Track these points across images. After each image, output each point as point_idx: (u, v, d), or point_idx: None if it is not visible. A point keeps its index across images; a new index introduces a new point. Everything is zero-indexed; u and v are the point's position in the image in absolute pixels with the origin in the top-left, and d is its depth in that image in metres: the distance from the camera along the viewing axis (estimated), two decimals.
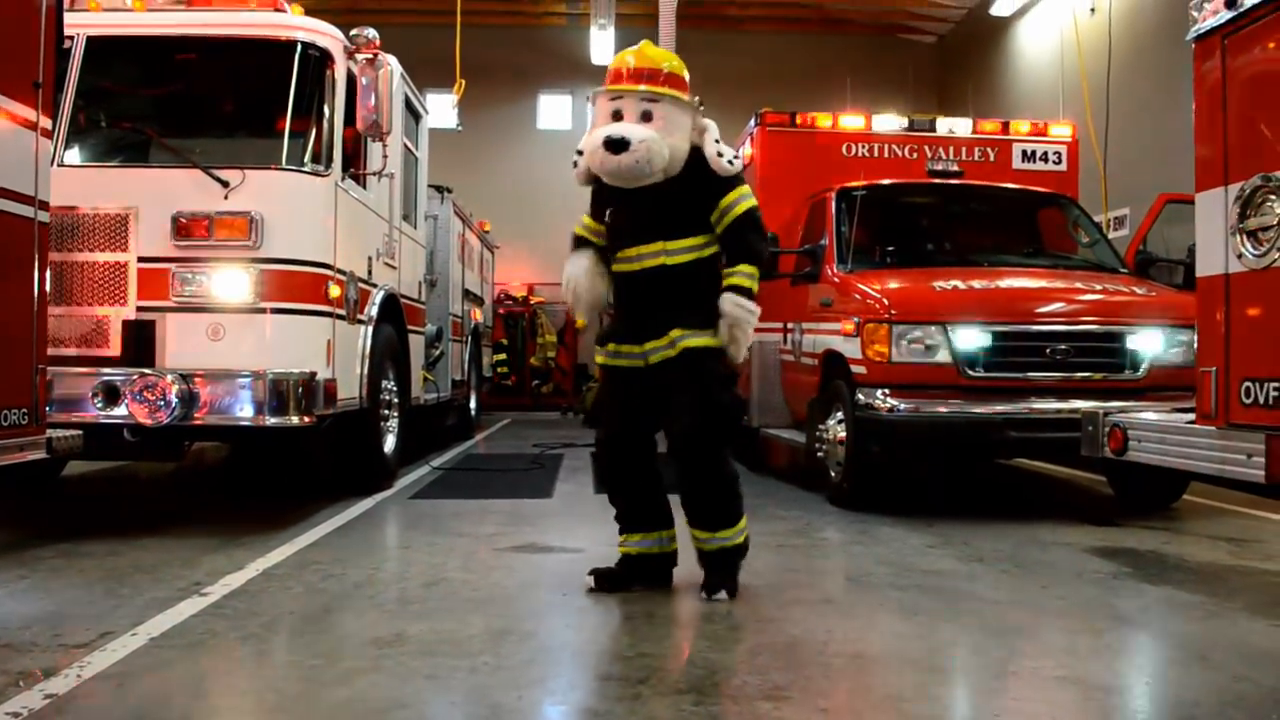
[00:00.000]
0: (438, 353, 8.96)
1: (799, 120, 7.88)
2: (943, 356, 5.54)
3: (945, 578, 4.20)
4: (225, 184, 5.11)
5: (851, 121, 7.79)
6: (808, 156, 7.82)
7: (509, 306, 16.49)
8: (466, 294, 10.67)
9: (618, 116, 3.64)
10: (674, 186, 3.67)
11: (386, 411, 6.74)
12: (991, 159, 7.76)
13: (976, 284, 5.84)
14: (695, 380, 3.66)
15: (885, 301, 5.73)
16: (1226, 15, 2.04)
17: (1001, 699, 2.78)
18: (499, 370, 15.28)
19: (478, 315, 11.44)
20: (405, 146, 7.51)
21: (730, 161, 3.72)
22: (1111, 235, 10.65)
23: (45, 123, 2.87)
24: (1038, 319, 5.62)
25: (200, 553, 4.55)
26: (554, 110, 19.26)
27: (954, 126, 7.81)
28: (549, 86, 19.03)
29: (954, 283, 5.85)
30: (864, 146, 7.74)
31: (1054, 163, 7.77)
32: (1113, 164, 10.45)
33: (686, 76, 3.80)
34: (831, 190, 7.03)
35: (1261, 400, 1.93)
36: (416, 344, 7.87)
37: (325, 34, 5.66)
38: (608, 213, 3.81)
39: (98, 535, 4.91)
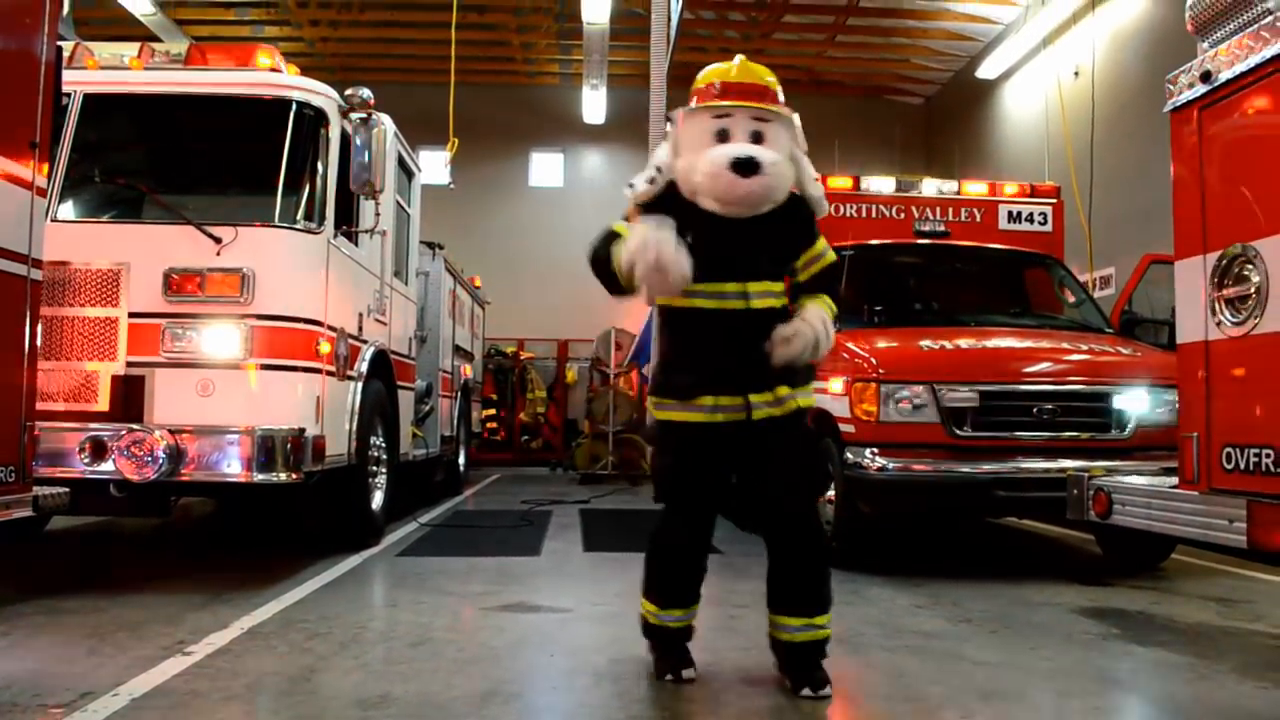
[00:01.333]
0: (427, 408, 8.96)
1: None
2: (930, 416, 5.56)
3: (934, 638, 4.18)
4: (218, 240, 5.15)
5: (840, 183, 7.89)
6: None
7: (499, 362, 16.50)
8: (457, 349, 10.70)
9: (723, 137, 3.25)
10: (768, 221, 3.27)
11: (375, 468, 6.73)
12: (978, 219, 7.86)
13: (964, 343, 5.89)
14: (802, 443, 3.38)
15: (873, 361, 5.77)
16: (1202, 89, 2.10)
17: None
18: (488, 425, 15.24)
19: (468, 371, 11.46)
20: (398, 204, 7.58)
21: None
22: (1097, 294, 10.78)
23: (41, 181, 2.91)
24: (1025, 379, 5.66)
25: (185, 610, 4.51)
26: (546, 168, 19.49)
27: (941, 187, 7.90)
28: (541, 144, 19.27)
29: (942, 342, 5.89)
30: (852, 207, 7.83)
31: (1039, 224, 7.87)
32: (1097, 224, 10.60)
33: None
34: None
35: (1242, 466, 1.95)
36: (406, 400, 7.88)
37: (320, 94, 5.75)
38: (688, 239, 3.17)
39: (81, 591, 4.86)
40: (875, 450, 5.61)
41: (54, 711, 2.99)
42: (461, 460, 11.32)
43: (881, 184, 7.92)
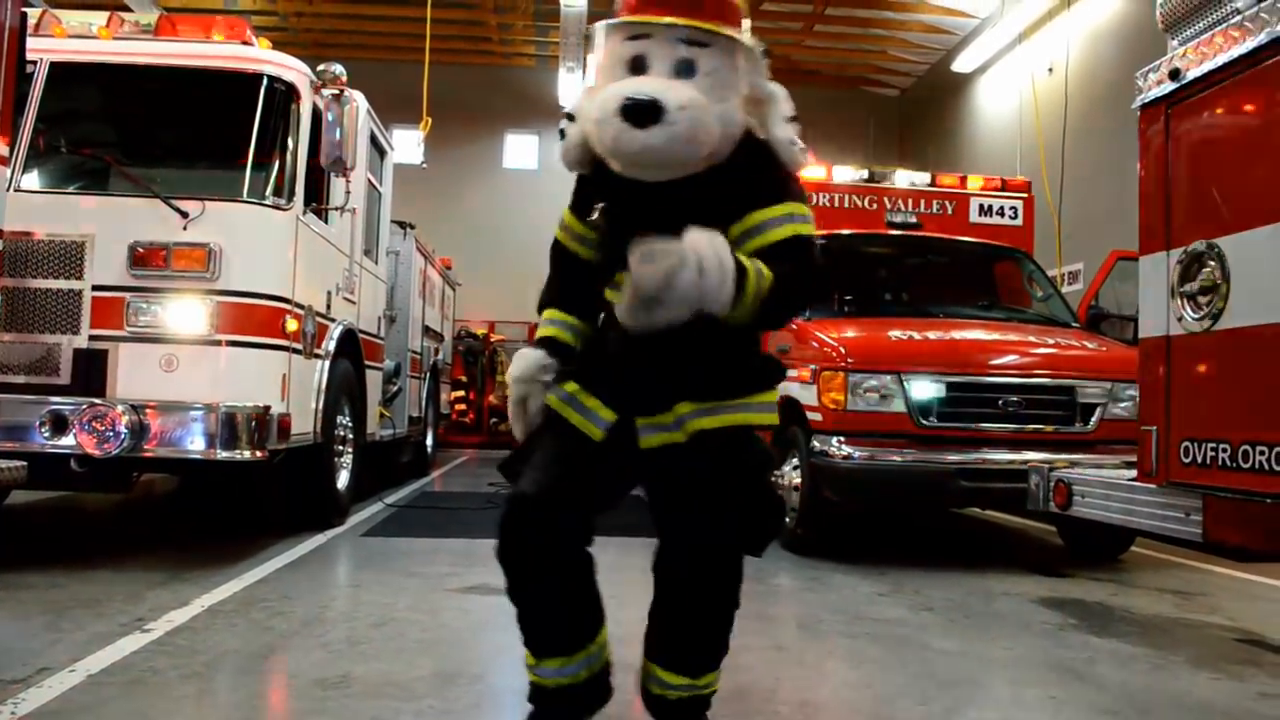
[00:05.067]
0: (395, 389, 8.90)
1: None
2: (897, 406, 5.61)
3: (895, 626, 4.22)
4: (185, 214, 5.08)
5: (813, 172, 7.89)
6: None
7: (469, 344, 16.43)
8: (426, 330, 10.64)
9: (639, 67, 2.29)
10: (716, 182, 2.33)
11: (341, 447, 6.68)
12: (949, 212, 7.91)
13: (932, 335, 5.94)
14: (731, 472, 2.38)
15: (842, 350, 5.79)
16: (1170, 86, 2.12)
17: None
18: (457, 408, 15.18)
19: (437, 352, 11.40)
20: (369, 182, 7.52)
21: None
22: (1065, 289, 10.89)
23: (2, 150, 2.85)
24: (991, 371, 5.71)
25: (145, 587, 4.46)
26: (520, 150, 19.41)
27: (913, 179, 7.95)
28: (516, 126, 19.19)
29: (910, 333, 5.93)
30: (824, 196, 7.84)
31: (1010, 217, 7.93)
32: (1067, 220, 10.70)
33: (743, 7, 2.42)
34: None
35: (1200, 460, 1.98)
36: (374, 380, 7.82)
37: (291, 68, 5.68)
38: (599, 209, 2.43)
39: (39, 567, 4.79)
40: (842, 439, 5.64)
41: (10, 686, 2.95)
42: (429, 441, 11.27)
43: (854, 174, 7.95)
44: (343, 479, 6.77)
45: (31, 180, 5.25)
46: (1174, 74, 2.09)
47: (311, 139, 5.75)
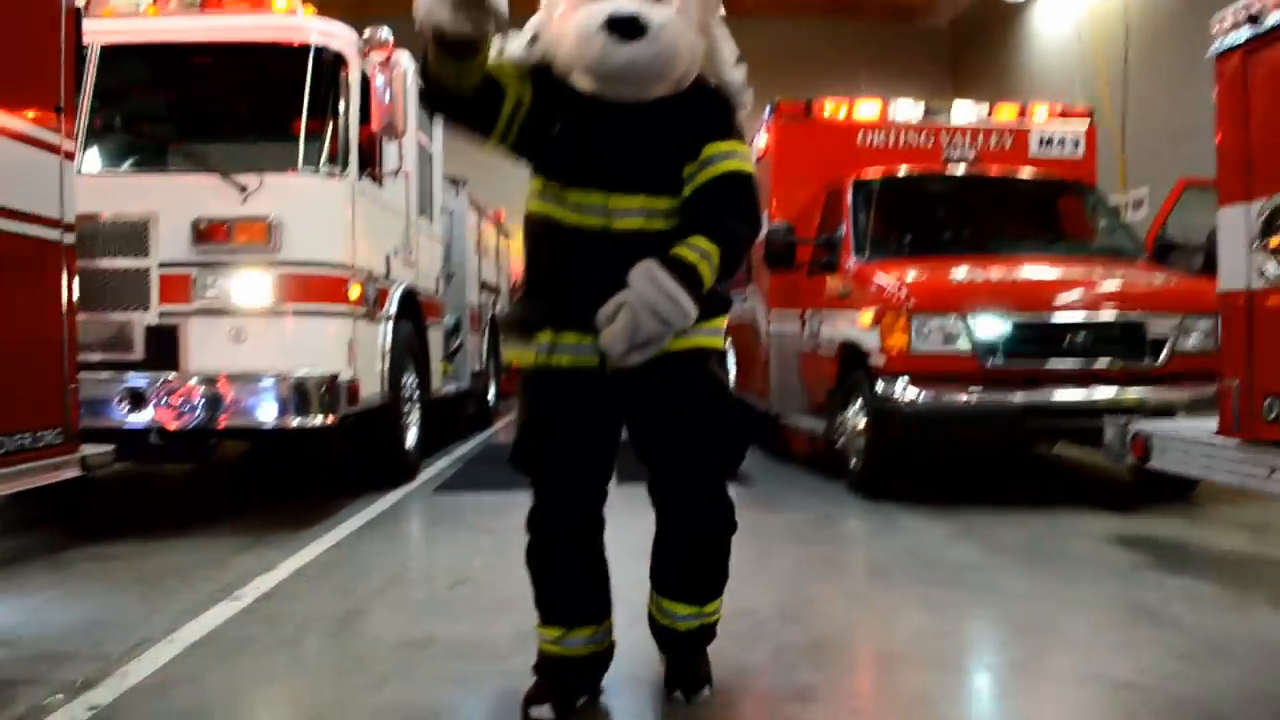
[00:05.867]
0: (456, 344, 9.01)
1: (814, 110, 7.85)
2: (962, 346, 5.54)
3: (968, 570, 4.22)
4: (243, 188, 5.16)
5: (867, 110, 7.77)
6: (823, 146, 7.79)
7: None
8: (483, 285, 10.71)
9: None
10: (677, 111, 2.46)
11: (407, 406, 6.79)
12: (1008, 146, 7.72)
13: (995, 273, 5.84)
14: (697, 394, 2.53)
15: (904, 292, 5.72)
16: (1249, 32, 2.04)
17: (1026, 698, 2.82)
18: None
19: (495, 305, 11.47)
20: (420, 143, 7.53)
21: (740, 91, 2.62)
22: (1131, 217, 10.62)
23: (69, 145, 2.91)
24: (1057, 307, 5.60)
25: (231, 553, 4.62)
26: None
27: (970, 113, 7.76)
28: None
29: (973, 273, 5.84)
30: (879, 135, 7.72)
31: (1071, 148, 7.72)
32: (1131, 144, 10.38)
33: None
34: (848, 180, 7.03)
35: None
36: (435, 338, 7.91)
37: (338, 36, 5.68)
38: (557, 126, 2.47)
39: (127, 536, 4.98)
40: (906, 381, 5.60)
41: (114, 662, 3.08)
42: (491, 394, 11.40)
43: (909, 110, 7.79)
44: (411, 437, 6.90)
45: (92, 162, 5.34)
46: (1253, 18, 2.01)
47: (362, 105, 5.77)
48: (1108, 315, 5.60)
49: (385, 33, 5.83)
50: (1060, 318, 5.57)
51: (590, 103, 2.44)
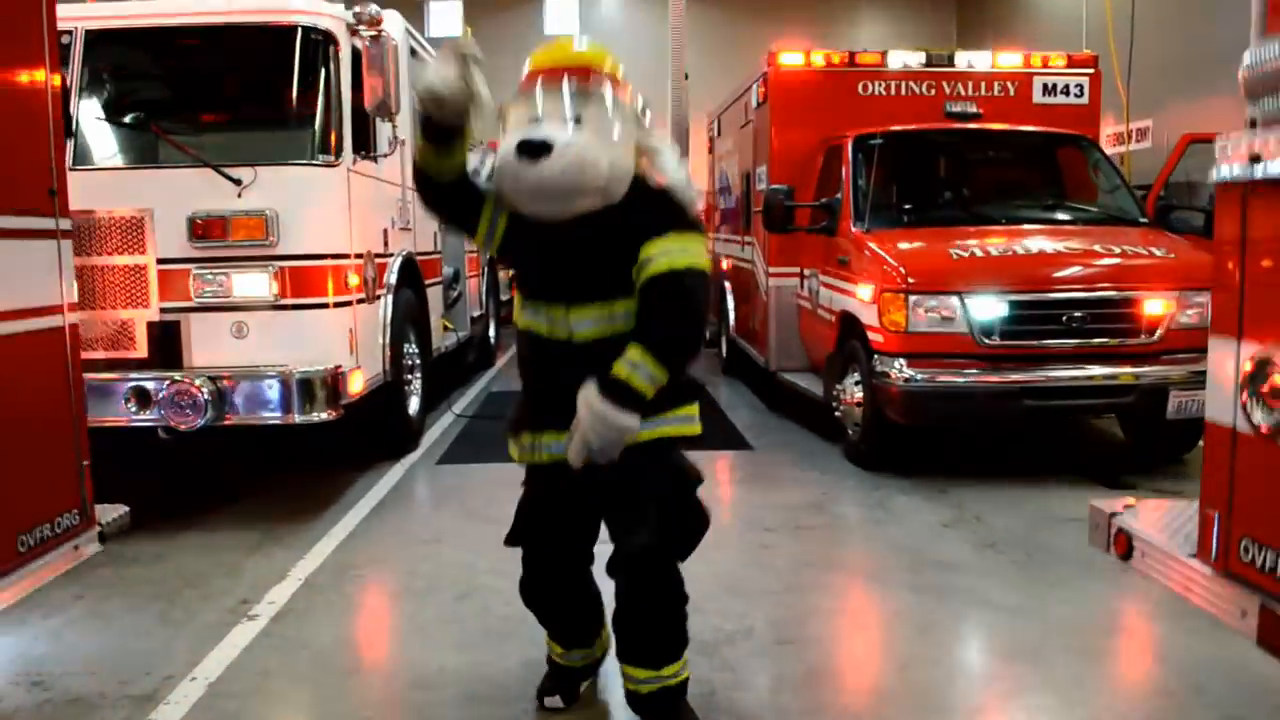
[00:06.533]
0: (455, 295, 9.01)
1: (812, 59, 7.67)
2: (959, 326, 5.58)
3: (958, 573, 4.35)
4: (238, 182, 5.11)
5: (867, 59, 7.59)
6: (822, 96, 7.65)
7: None
8: None
9: (536, 122, 2.61)
10: (616, 221, 2.64)
11: (409, 375, 6.86)
12: (1011, 93, 7.57)
13: (994, 249, 5.81)
14: (652, 482, 2.79)
15: (902, 271, 5.72)
16: (1249, 173, 2.02)
17: None
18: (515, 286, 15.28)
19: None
20: (414, 103, 7.38)
21: (696, 194, 2.86)
22: (1133, 147, 10.48)
23: (65, 225, 2.90)
24: (1055, 286, 5.61)
25: (242, 554, 4.75)
26: (561, 12, 18.63)
27: (973, 60, 7.59)
28: None
29: (971, 248, 5.82)
30: (880, 84, 7.56)
31: (1075, 96, 7.57)
32: (1137, 72, 10.15)
33: (624, 80, 2.82)
34: (847, 138, 6.93)
35: (1258, 564, 1.98)
36: (434, 295, 7.92)
37: (327, 14, 5.53)
38: (519, 248, 2.79)
39: (140, 530, 5.06)
40: (903, 361, 5.65)
41: (141, 704, 3.22)
42: (492, 332, 11.44)
43: (910, 58, 7.62)
44: (413, 405, 6.99)
45: (83, 156, 5.27)
46: (1255, 158, 1.98)
47: (354, 84, 5.66)
48: (1105, 293, 5.62)
49: (374, 8, 5.67)
50: (1058, 296, 5.58)
51: (537, 225, 2.67)
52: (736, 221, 9.67)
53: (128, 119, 5.42)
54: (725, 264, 10.18)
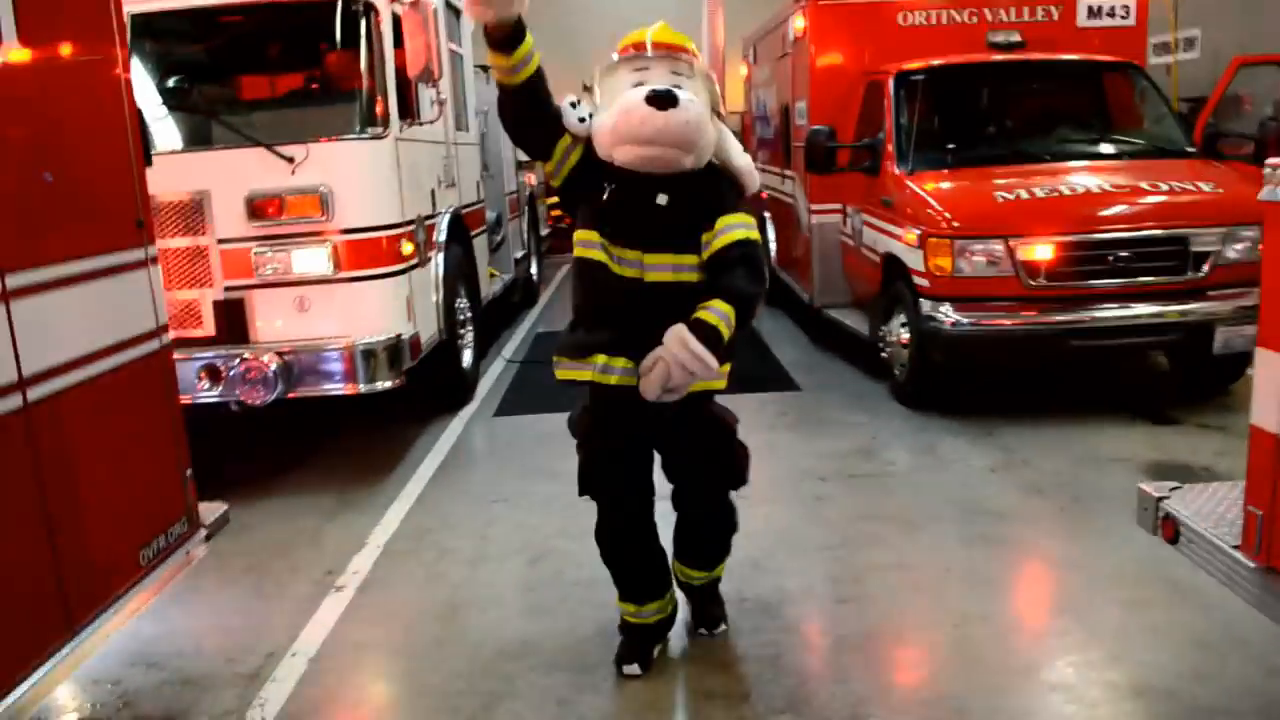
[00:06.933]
0: (499, 239, 9.13)
1: None
2: (1005, 269, 5.63)
3: (1007, 522, 4.52)
4: (290, 160, 5.23)
5: None
6: (862, 28, 7.56)
7: None
8: (519, 165, 10.67)
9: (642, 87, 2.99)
10: (697, 189, 3.06)
11: (462, 330, 7.04)
12: (1055, 17, 7.42)
13: (1039, 190, 5.81)
14: (704, 429, 3.27)
15: (948, 215, 5.76)
16: None
17: (1054, 699, 3.15)
18: (552, 214, 15.31)
19: (532, 180, 11.45)
20: (451, 50, 7.41)
21: (750, 174, 3.23)
22: (1181, 56, 10.22)
23: (153, 250, 3.06)
24: (1100, 227, 5.62)
25: (320, 519, 5.03)
26: None
27: None
28: None
29: (1017, 190, 5.82)
30: (920, 15, 7.44)
31: (1121, 17, 7.41)
32: None
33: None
34: (888, 74, 6.88)
35: None
36: (480, 245, 8.05)
37: None
38: (607, 191, 3.07)
39: (221, 493, 5.34)
40: (949, 305, 5.73)
41: (249, 681, 3.50)
42: (534, 270, 11.57)
43: None
44: (467, 358, 7.18)
45: None
46: None
47: (395, 46, 5.70)
48: (1151, 231, 5.62)
49: None
50: (1103, 236, 5.60)
51: (628, 178, 3.04)
52: (776, 153, 9.64)
53: (177, 102, 5.51)
54: (764, 194, 10.17)
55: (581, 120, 3.06)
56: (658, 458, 3.40)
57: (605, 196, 3.07)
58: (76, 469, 2.59)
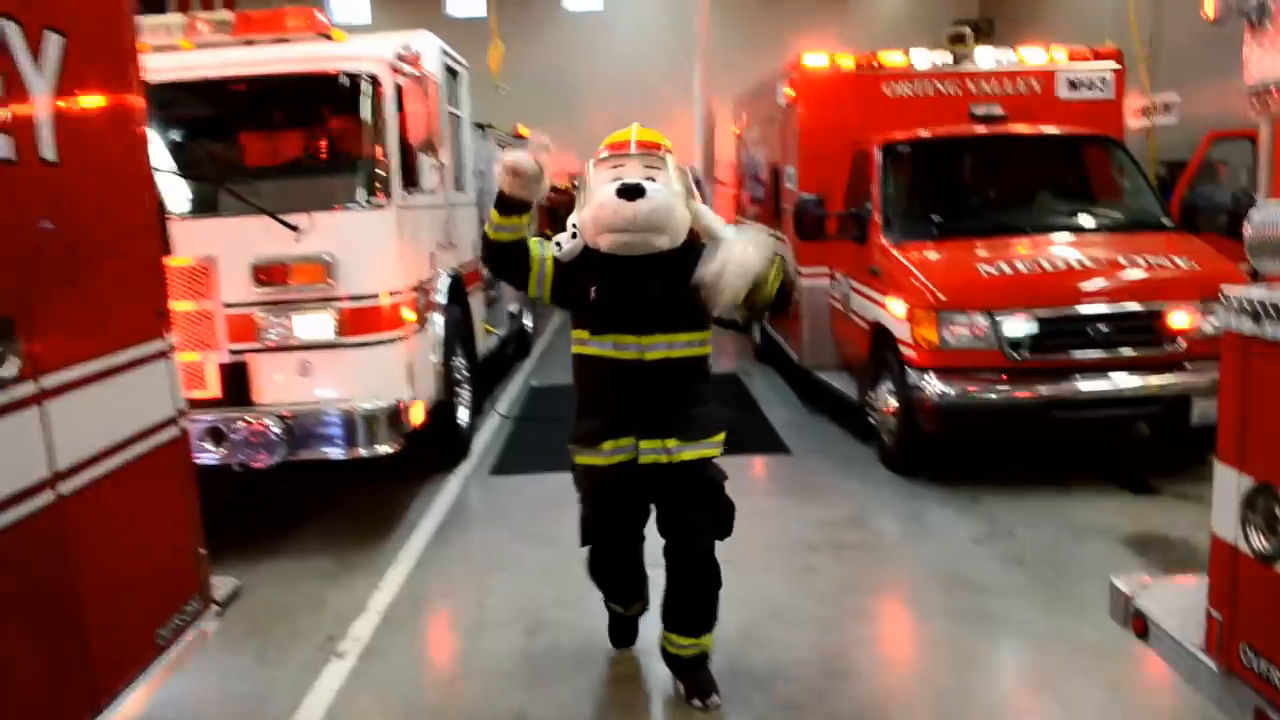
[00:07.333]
0: (494, 296, 9.28)
1: (838, 61, 7.80)
2: (989, 342, 5.80)
3: (990, 595, 4.64)
4: (295, 228, 5.38)
5: (892, 58, 7.71)
6: (848, 98, 7.80)
7: (552, 199, 16.50)
8: None
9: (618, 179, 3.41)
10: (677, 267, 3.38)
11: (458, 388, 7.16)
12: (1036, 90, 7.69)
13: (1021, 265, 6.00)
14: (699, 489, 3.62)
15: (933, 289, 5.94)
16: (1249, 327, 2.23)
17: None
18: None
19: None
20: (450, 112, 7.59)
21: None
22: (1159, 120, 10.52)
23: (172, 340, 3.19)
24: (1082, 300, 5.81)
25: (321, 583, 5.11)
26: None
27: (998, 57, 7.69)
28: None
29: (999, 264, 6.02)
30: (905, 85, 7.70)
31: (1100, 90, 7.68)
32: (1164, 45, 10.16)
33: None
34: (874, 144, 7.10)
35: (1255, 669, 2.23)
36: (476, 303, 8.18)
37: (371, 59, 5.74)
38: (593, 290, 3.47)
39: (223, 560, 5.40)
40: (934, 376, 5.89)
41: None
42: (528, 321, 11.72)
43: (935, 58, 7.73)
44: (463, 415, 7.30)
45: None
46: (1256, 317, 2.20)
47: (398, 121, 5.87)
48: (1132, 305, 5.81)
49: (415, 47, 5.89)
50: (1084, 311, 5.79)
51: (615, 267, 3.43)
52: (766, 213, 9.85)
53: (186, 168, 5.67)
54: None
55: (558, 245, 3.52)
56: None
57: (593, 295, 3.49)
58: (101, 556, 2.70)
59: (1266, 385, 2.23)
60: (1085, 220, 6.83)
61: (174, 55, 5.69)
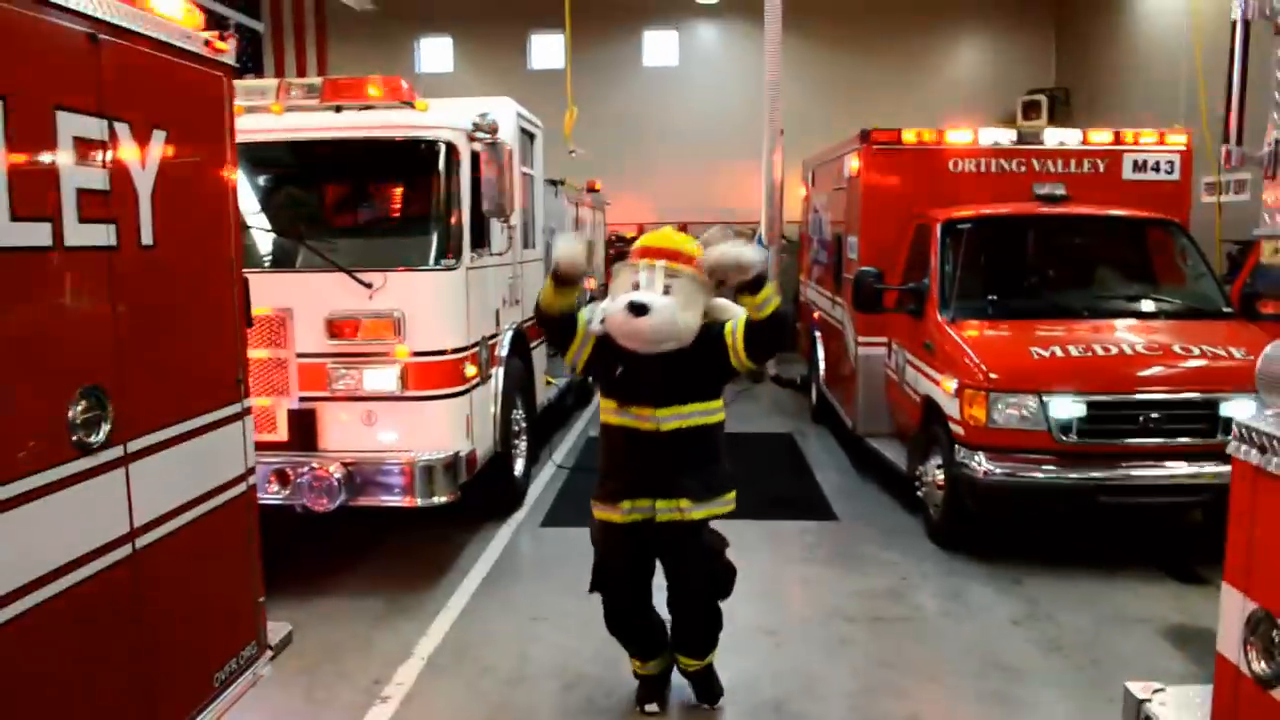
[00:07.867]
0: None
1: (904, 137, 7.94)
2: (1038, 423, 5.83)
3: (1025, 681, 4.66)
4: (368, 285, 5.68)
5: (958, 137, 7.83)
6: (914, 172, 7.93)
7: (619, 248, 16.85)
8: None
9: (638, 285, 3.88)
10: (685, 355, 3.92)
11: (516, 440, 7.39)
12: (1101, 170, 7.73)
13: (1074, 349, 6.04)
14: (697, 553, 4.12)
15: (984, 368, 6.01)
16: (1257, 458, 2.31)
17: None
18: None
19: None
20: (523, 173, 7.89)
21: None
22: (1231, 198, 10.42)
23: (248, 404, 3.44)
24: (1134, 388, 5.82)
25: (369, 625, 5.33)
26: (660, 47, 19.09)
27: (1063, 139, 7.76)
28: (654, 22, 18.85)
29: (1052, 347, 6.06)
30: (970, 162, 7.80)
31: (1166, 172, 7.69)
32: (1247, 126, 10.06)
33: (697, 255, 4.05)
34: (936, 220, 7.20)
35: None
36: (538, 356, 8.44)
37: (450, 128, 6.05)
38: (619, 369, 4.00)
39: (278, 595, 5.68)
40: (983, 455, 5.94)
41: None
42: None
43: (1001, 135, 7.83)
44: (519, 466, 7.51)
45: None
46: (1262, 449, 2.28)
47: (473, 187, 6.16)
48: (1186, 395, 5.80)
49: (491, 118, 6.19)
50: (1136, 398, 5.79)
51: (632, 354, 3.95)
52: (828, 277, 9.98)
53: (269, 225, 6.02)
54: (815, 314, 10.49)
55: (603, 322, 4.01)
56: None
57: (618, 374, 4.02)
58: (168, 603, 2.94)
59: (1271, 517, 2.30)
60: (1143, 305, 6.83)
61: (265, 117, 6.05)
